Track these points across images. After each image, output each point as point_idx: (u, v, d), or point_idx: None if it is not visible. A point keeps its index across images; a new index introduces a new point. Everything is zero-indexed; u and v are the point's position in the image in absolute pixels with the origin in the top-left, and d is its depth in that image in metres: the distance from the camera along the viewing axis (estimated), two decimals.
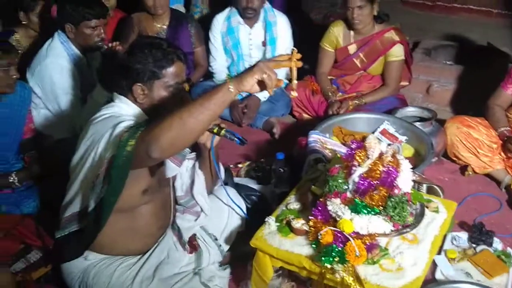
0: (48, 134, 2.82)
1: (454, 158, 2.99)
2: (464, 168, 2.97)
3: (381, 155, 1.88)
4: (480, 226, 2.40)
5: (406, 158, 2.68)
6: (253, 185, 2.73)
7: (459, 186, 2.89)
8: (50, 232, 2.18)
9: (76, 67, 2.84)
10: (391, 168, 1.85)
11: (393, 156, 1.88)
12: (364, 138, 1.94)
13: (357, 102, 3.40)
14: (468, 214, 2.64)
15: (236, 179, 2.82)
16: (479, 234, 2.37)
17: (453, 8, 5.63)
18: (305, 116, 3.63)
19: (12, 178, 2.48)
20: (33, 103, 2.76)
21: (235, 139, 1.90)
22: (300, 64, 1.64)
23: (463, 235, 2.40)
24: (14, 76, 2.40)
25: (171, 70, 1.84)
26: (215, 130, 1.89)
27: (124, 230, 1.95)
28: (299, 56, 1.64)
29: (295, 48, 1.67)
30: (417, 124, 2.89)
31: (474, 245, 2.35)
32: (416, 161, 2.70)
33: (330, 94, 3.48)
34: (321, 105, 3.50)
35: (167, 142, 1.53)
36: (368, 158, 1.88)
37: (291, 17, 4.86)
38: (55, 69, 2.77)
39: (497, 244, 2.36)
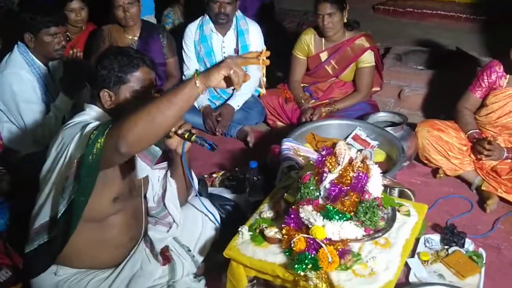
0: (14, 148, 2.77)
1: (426, 161, 3.03)
2: (435, 171, 3.01)
3: (351, 161, 1.90)
4: (452, 227, 2.43)
5: (378, 162, 2.75)
6: (228, 194, 2.72)
7: (431, 188, 2.93)
8: (19, 249, 2.15)
9: (38, 77, 2.80)
10: (361, 174, 1.86)
11: (363, 161, 1.90)
12: (334, 145, 1.95)
13: (329, 109, 3.44)
14: (440, 216, 2.67)
15: (211, 189, 2.81)
16: (451, 235, 2.40)
17: (423, 14, 5.74)
18: (279, 124, 3.65)
19: None
20: None
21: (206, 144, 1.91)
22: (267, 62, 1.64)
23: (436, 237, 2.43)
24: None
25: (136, 74, 1.85)
26: (186, 136, 1.90)
27: (94, 241, 1.93)
28: (267, 53, 1.63)
29: (265, 47, 1.68)
30: (389, 129, 2.93)
31: (446, 247, 2.38)
32: (388, 166, 2.73)
33: (303, 101, 3.51)
34: (295, 113, 3.53)
35: (135, 137, 1.53)
36: (339, 164, 1.89)
37: (265, 26, 4.93)
38: (14, 79, 2.73)
39: (469, 245, 2.39)
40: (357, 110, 3.44)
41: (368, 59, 3.49)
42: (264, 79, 1.70)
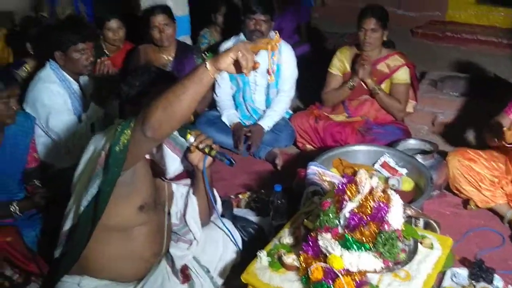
0: (49, 162, 2.86)
1: (456, 192, 2.95)
2: (466, 202, 2.93)
3: (371, 190, 1.87)
4: (481, 262, 2.35)
5: (406, 191, 2.71)
6: (252, 216, 2.73)
7: (461, 220, 2.85)
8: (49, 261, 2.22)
9: (69, 92, 2.91)
10: (381, 204, 1.83)
11: (384, 191, 1.87)
12: (355, 173, 1.93)
13: (376, 87, 3.45)
14: (469, 250, 2.59)
15: (236, 210, 2.83)
16: (479, 270, 2.32)
17: (462, 39, 5.65)
18: (309, 147, 3.64)
19: (13, 208, 2.49)
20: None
21: (225, 159, 1.94)
22: (276, 48, 1.68)
23: (463, 272, 2.36)
24: (14, 108, 2.44)
25: (155, 88, 1.91)
26: (206, 150, 1.94)
27: (118, 252, 1.97)
28: (279, 41, 1.68)
29: (277, 32, 1.71)
30: (418, 157, 2.87)
31: (474, 282, 2.30)
32: (416, 195, 2.68)
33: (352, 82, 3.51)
34: (326, 130, 3.51)
35: (157, 120, 1.61)
36: (359, 193, 1.87)
37: (300, 47, 4.97)
38: (45, 93, 2.84)
39: (498, 281, 2.30)
40: (388, 134, 3.40)
41: (403, 75, 3.49)
42: (274, 66, 1.73)
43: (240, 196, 3.02)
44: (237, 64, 1.61)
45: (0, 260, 2.15)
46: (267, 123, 3.59)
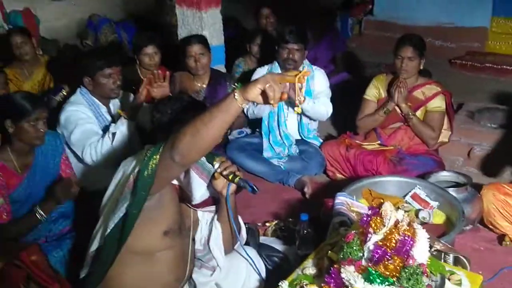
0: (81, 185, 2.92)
1: (491, 227, 2.86)
2: (501, 238, 2.82)
3: (397, 223, 1.83)
4: None
5: (437, 225, 2.64)
6: (278, 245, 2.70)
7: (495, 256, 2.74)
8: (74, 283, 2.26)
9: (97, 115, 3.01)
10: (406, 237, 1.79)
11: (409, 224, 1.82)
12: (380, 205, 1.90)
13: (410, 112, 3.43)
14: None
15: (262, 238, 2.81)
16: None
17: (502, 70, 5.54)
18: (339, 176, 3.61)
19: (37, 212, 2.50)
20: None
21: (248, 187, 1.94)
22: (303, 80, 1.67)
23: None
24: (42, 130, 2.52)
25: (186, 117, 1.92)
26: (230, 177, 1.95)
27: (141, 276, 1.98)
28: (307, 73, 1.67)
29: (306, 67, 1.72)
30: (451, 190, 2.80)
31: None
32: (448, 229, 2.61)
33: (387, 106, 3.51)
34: (358, 158, 3.48)
35: (185, 147, 1.64)
36: (384, 225, 1.83)
37: (335, 77, 4.99)
38: (73, 112, 2.94)
39: None
40: (421, 165, 3.34)
41: (438, 103, 3.46)
42: (301, 98, 1.72)
43: (267, 224, 3.00)
44: (265, 94, 1.62)
45: (23, 277, 2.18)
46: (307, 101, 3.52)
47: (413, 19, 6.35)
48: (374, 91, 3.65)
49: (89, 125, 2.94)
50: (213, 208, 2.18)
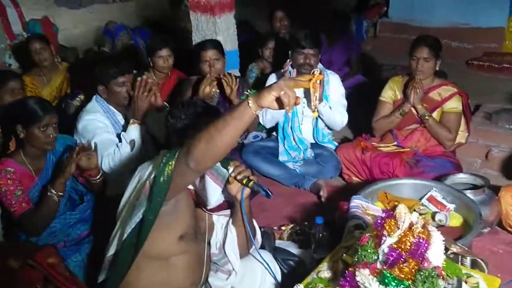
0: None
1: (510, 229, 2.83)
2: None
3: (411, 225, 1.82)
4: None
5: (454, 227, 2.62)
6: (293, 249, 2.70)
7: None
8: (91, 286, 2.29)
9: (113, 122, 3.05)
10: (421, 240, 1.78)
11: (424, 227, 1.81)
12: (395, 207, 1.89)
13: (426, 113, 3.40)
14: None
15: (278, 242, 2.81)
16: None
17: None
18: (355, 179, 3.60)
19: (50, 192, 2.53)
20: None
21: (262, 191, 1.95)
22: (317, 85, 1.66)
23: None
24: (51, 136, 2.56)
25: (200, 122, 1.99)
26: (244, 182, 1.96)
27: (157, 281, 2.01)
28: (320, 77, 1.65)
29: (317, 69, 1.70)
30: (468, 192, 2.77)
31: None
32: (465, 231, 2.58)
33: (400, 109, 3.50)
34: (374, 161, 3.46)
35: (200, 153, 1.65)
36: (398, 228, 1.82)
37: (350, 79, 4.99)
38: (89, 121, 2.99)
39: None
40: (438, 167, 3.31)
41: (455, 104, 3.44)
42: (317, 102, 1.71)
43: (283, 228, 3.00)
44: (279, 100, 1.61)
45: (40, 279, 2.22)
46: (323, 103, 3.50)
47: (429, 20, 6.30)
48: (390, 93, 3.64)
49: (106, 135, 2.97)
50: (228, 212, 2.19)
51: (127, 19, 7.30)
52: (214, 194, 1.98)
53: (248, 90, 3.68)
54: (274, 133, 3.90)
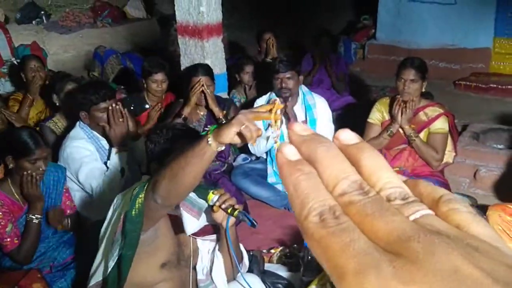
0: (85, 216, 2.94)
1: None
2: None
3: None
4: None
5: None
6: (283, 272, 2.68)
7: None
8: None
9: (96, 147, 3.02)
10: None
11: None
12: None
13: (413, 133, 3.40)
14: None
15: (267, 265, 2.79)
16: None
17: (507, 90, 5.54)
18: None
19: (30, 218, 2.56)
20: (70, 187, 2.91)
21: (247, 220, 1.92)
22: (279, 117, 1.53)
23: None
24: (41, 169, 2.55)
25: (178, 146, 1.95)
26: (229, 211, 1.93)
27: None
28: (280, 107, 1.53)
29: (278, 98, 1.63)
30: None
31: None
32: None
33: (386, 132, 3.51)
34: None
35: (164, 190, 1.64)
36: None
37: (338, 99, 5.02)
38: (75, 148, 2.95)
39: None
40: None
41: (441, 124, 3.44)
42: (278, 132, 1.64)
43: (272, 251, 2.98)
44: (241, 134, 1.57)
45: None
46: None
47: (417, 42, 6.40)
48: (378, 115, 3.66)
49: (93, 164, 2.94)
50: (213, 237, 2.16)
51: (117, 44, 7.35)
52: (190, 225, 1.90)
53: (209, 126, 3.66)
54: (263, 155, 3.90)
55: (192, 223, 1.89)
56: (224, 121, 3.62)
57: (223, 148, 1.64)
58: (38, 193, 2.59)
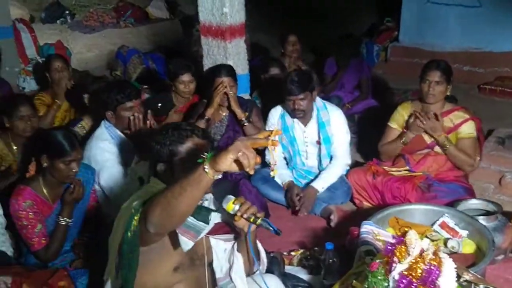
0: (106, 213, 2.96)
1: None
2: None
3: (422, 252, 1.78)
4: None
5: (467, 254, 2.57)
6: (303, 275, 2.67)
7: None
8: None
9: (119, 148, 3.04)
10: (432, 267, 1.74)
11: (435, 253, 1.78)
12: (405, 233, 1.86)
13: (446, 142, 3.34)
14: None
15: (288, 268, 2.78)
16: None
17: None
18: (366, 204, 3.55)
19: (60, 221, 2.65)
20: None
21: (270, 228, 1.90)
22: (277, 143, 1.58)
23: None
24: (74, 170, 2.60)
25: (187, 146, 1.95)
26: (251, 219, 1.91)
27: None
28: (279, 133, 1.59)
29: (276, 127, 1.64)
30: (480, 218, 2.72)
31: None
32: (478, 258, 2.52)
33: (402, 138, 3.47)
34: (385, 185, 3.41)
35: (157, 219, 1.63)
36: (409, 254, 1.79)
37: (360, 102, 5.00)
38: (97, 150, 2.99)
39: None
40: (450, 192, 3.25)
41: (469, 129, 3.38)
42: (275, 160, 1.65)
43: (293, 253, 2.97)
44: (238, 162, 1.56)
45: None
46: (321, 185, 3.53)
47: (440, 45, 6.32)
48: (399, 119, 3.60)
49: (115, 169, 2.97)
50: (229, 236, 2.11)
51: (140, 43, 7.42)
52: (186, 245, 1.87)
53: (205, 154, 3.64)
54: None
55: (187, 244, 1.85)
56: (246, 123, 3.61)
57: (220, 176, 1.59)
58: (81, 199, 2.68)
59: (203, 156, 1.58)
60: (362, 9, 8.19)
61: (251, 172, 1.59)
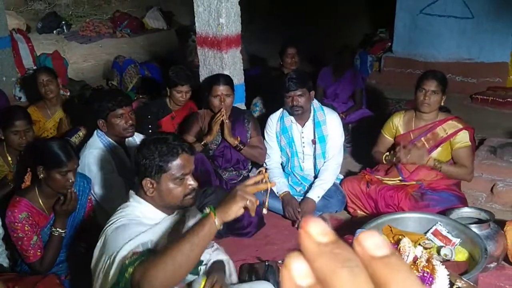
0: (101, 222, 2.98)
1: None
2: None
3: (415, 259, 1.83)
4: None
5: (460, 262, 2.60)
6: None
7: None
8: None
9: (112, 155, 3.08)
10: (425, 274, 1.78)
11: (428, 261, 1.82)
12: (399, 241, 1.90)
13: (437, 164, 3.39)
14: None
15: None
16: None
17: None
18: (360, 213, 3.59)
19: (55, 232, 2.63)
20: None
21: None
22: (273, 184, 1.75)
23: None
24: (70, 181, 2.59)
25: (176, 162, 1.90)
26: None
27: None
28: (267, 175, 1.74)
29: (263, 169, 1.79)
30: (472, 226, 2.76)
31: None
32: (470, 266, 2.56)
33: (390, 157, 3.52)
34: (379, 194, 3.46)
35: (160, 283, 1.60)
36: None
37: (354, 112, 5.05)
38: (92, 159, 3.02)
39: None
40: (443, 201, 3.30)
41: (463, 138, 3.43)
42: (268, 200, 1.83)
43: None
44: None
45: None
46: (316, 194, 3.56)
47: (433, 55, 6.41)
48: (391, 128, 3.65)
49: (108, 176, 3.00)
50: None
51: (136, 53, 7.47)
52: None
53: (206, 208, 3.67)
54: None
55: None
56: (242, 147, 3.65)
57: (221, 227, 1.67)
58: (74, 210, 2.67)
59: (206, 210, 1.64)
60: (356, 20, 8.29)
61: (253, 215, 1.68)
